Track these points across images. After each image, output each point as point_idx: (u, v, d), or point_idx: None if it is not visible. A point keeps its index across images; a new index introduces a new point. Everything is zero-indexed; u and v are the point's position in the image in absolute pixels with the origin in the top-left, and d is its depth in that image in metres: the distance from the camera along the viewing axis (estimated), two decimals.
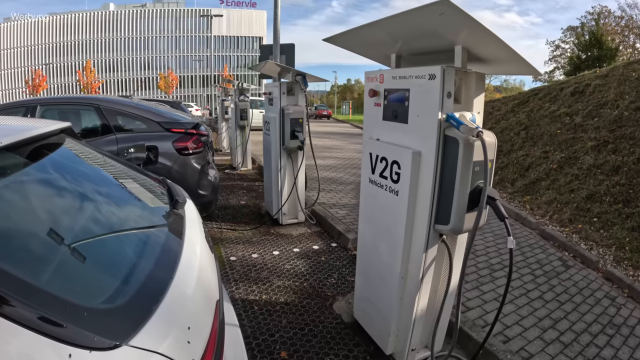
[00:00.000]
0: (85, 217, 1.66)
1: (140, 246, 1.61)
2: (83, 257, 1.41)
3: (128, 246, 1.60)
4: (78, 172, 2.04)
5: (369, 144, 3.03)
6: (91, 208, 1.75)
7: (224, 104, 13.31)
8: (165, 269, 1.46)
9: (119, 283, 1.31)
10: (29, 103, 5.49)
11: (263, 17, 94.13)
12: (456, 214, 2.37)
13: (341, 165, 11.68)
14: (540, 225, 6.28)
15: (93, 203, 1.80)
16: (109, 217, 1.79)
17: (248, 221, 6.37)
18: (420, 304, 2.77)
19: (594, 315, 3.96)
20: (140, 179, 2.37)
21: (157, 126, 5.27)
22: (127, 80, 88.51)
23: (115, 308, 1.17)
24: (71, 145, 2.17)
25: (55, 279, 1.21)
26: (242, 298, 3.96)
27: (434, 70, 2.37)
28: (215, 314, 1.48)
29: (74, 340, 0.99)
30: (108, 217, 1.79)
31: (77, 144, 2.29)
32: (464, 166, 2.29)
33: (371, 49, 3.22)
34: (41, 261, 1.25)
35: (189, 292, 1.46)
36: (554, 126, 9.20)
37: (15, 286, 1.04)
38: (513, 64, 2.55)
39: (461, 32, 2.32)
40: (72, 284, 1.24)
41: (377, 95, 2.93)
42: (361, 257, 3.36)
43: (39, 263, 1.24)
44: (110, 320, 1.12)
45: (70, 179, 1.91)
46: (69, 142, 2.15)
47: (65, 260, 1.34)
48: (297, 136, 5.67)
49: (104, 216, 1.77)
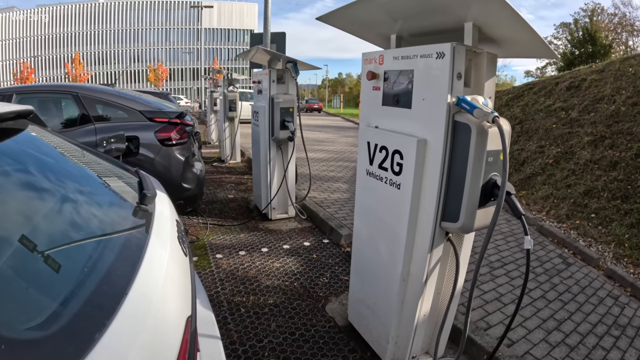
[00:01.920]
0: (28, 218, 1.36)
1: (91, 253, 1.31)
2: (14, 269, 1.11)
3: (76, 253, 1.30)
4: (35, 162, 1.76)
5: (367, 131, 2.76)
6: (39, 206, 1.45)
7: (213, 95, 13.10)
8: (118, 281, 1.18)
9: (56, 304, 1.02)
10: (4, 92, 5.25)
11: (254, 9, 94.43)
12: (467, 211, 2.11)
13: (333, 158, 11.53)
14: (538, 221, 6.15)
15: (43, 200, 1.50)
16: (60, 217, 1.48)
17: (236, 216, 6.16)
18: (423, 309, 2.54)
19: (598, 315, 3.83)
20: (110, 170, 2.10)
21: (139, 115, 5.01)
22: (117, 73, 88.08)
23: (47, 337, 0.89)
24: (34, 131, 1.90)
25: None
26: (228, 299, 3.72)
27: (442, 48, 2.10)
28: (185, 332, 1.22)
29: None
30: (58, 216, 1.48)
31: (40, 130, 2.02)
32: (476, 156, 2.03)
33: (368, 29, 2.95)
34: None
35: (149, 310, 1.16)
36: (550, 121, 9.10)
37: None
38: (528, 45, 2.31)
39: (473, 6, 2.06)
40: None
41: (376, 78, 2.66)
42: (357, 255, 3.09)
43: None
44: (38, 353, 0.85)
45: (24, 169, 1.63)
46: (32, 129, 1.89)
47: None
48: (288, 126, 5.42)
49: (54, 216, 1.46)
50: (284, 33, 8.59)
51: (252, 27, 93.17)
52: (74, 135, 4.73)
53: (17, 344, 0.84)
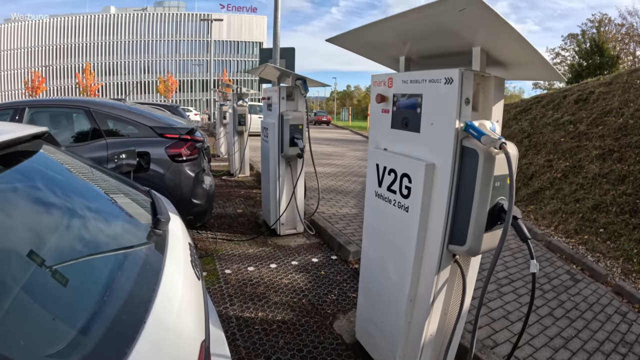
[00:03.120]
0: (48, 243, 1.40)
1: (107, 279, 1.34)
2: (34, 294, 1.14)
3: (95, 279, 1.33)
4: (49, 184, 1.80)
5: (376, 153, 2.79)
6: (57, 230, 1.50)
7: (222, 108, 13.21)
8: (137, 309, 1.21)
9: (77, 332, 1.05)
10: (17, 105, 5.29)
11: (263, 22, 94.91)
12: (474, 234, 2.14)
13: (341, 172, 11.51)
14: (546, 237, 6.12)
15: (60, 224, 1.54)
16: (78, 242, 1.52)
17: (245, 231, 6.17)
18: (429, 329, 2.55)
19: (606, 332, 3.80)
20: (123, 190, 2.14)
21: (149, 131, 5.05)
22: (127, 84, 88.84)
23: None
24: (49, 152, 1.94)
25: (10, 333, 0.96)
26: (237, 315, 3.74)
27: (451, 74, 2.14)
28: (199, 356, 1.25)
29: None
30: (76, 241, 1.52)
31: (55, 151, 2.06)
32: (483, 181, 2.06)
33: (377, 51, 3.00)
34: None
35: (166, 336, 1.21)
36: (558, 134, 9.09)
37: None
38: (535, 69, 2.35)
39: (481, 32, 2.09)
40: (16, 332, 0.99)
41: (385, 101, 2.70)
42: (365, 275, 3.11)
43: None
44: None
45: (39, 193, 1.67)
46: (46, 149, 1.93)
47: (14, 299, 1.07)
48: (297, 143, 5.46)
49: (72, 240, 1.51)
50: (293, 48, 8.67)
51: (261, 39, 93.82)
52: (85, 150, 4.78)
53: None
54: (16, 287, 1.10)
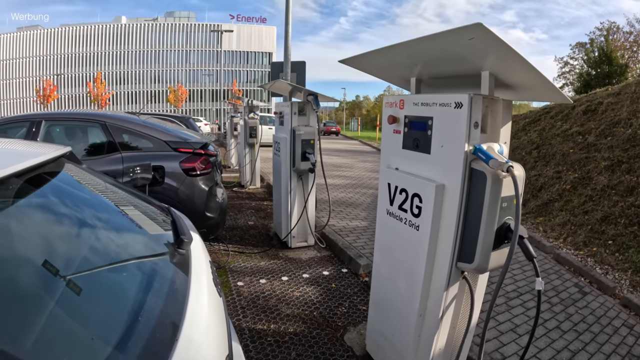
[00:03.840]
0: (80, 262, 1.50)
1: (140, 299, 1.42)
2: (71, 316, 1.23)
3: (125, 301, 1.41)
4: (76, 202, 1.90)
5: (387, 173, 2.88)
6: (89, 249, 1.59)
7: (233, 120, 13.32)
8: (168, 327, 1.30)
9: (113, 350, 1.13)
10: (33, 118, 5.38)
11: (273, 32, 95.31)
12: (481, 253, 2.21)
13: (351, 184, 11.57)
14: (555, 249, 6.14)
15: (90, 244, 1.63)
16: (106, 261, 1.62)
17: (256, 243, 6.24)
18: (439, 343, 2.62)
19: (613, 345, 3.83)
20: (142, 208, 2.22)
21: (164, 145, 5.14)
22: (137, 93, 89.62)
23: None
24: (71, 171, 2.03)
25: (41, 342, 1.05)
26: (249, 327, 3.81)
27: (460, 99, 2.23)
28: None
29: None
30: (104, 260, 1.62)
31: (77, 169, 2.15)
32: (491, 202, 2.14)
33: (389, 72, 3.10)
34: (29, 316, 1.09)
35: (196, 354, 1.30)
36: (567, 145, 9.09)
37: None
38: (542, 91, 2.42)
39: (490, 57, 2.18)
40: (59, 349, 1.08)
41: (397, 122, 2.79)
42: (375, 289, 3.19)
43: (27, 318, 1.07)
44: None
45: (68, 211, 1.76)
46: (68, 168, 2.02)
47: (54, 317, 1.17)
48: (309, 158, 5.54)
49: (100, 259, 1.61)
50: (304, 62, 8.77)
51: (271, 49, 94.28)
52: (101, 163, 4.87)
53: None
54: (57, 306, 1.19)
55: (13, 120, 5.74)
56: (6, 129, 5.37)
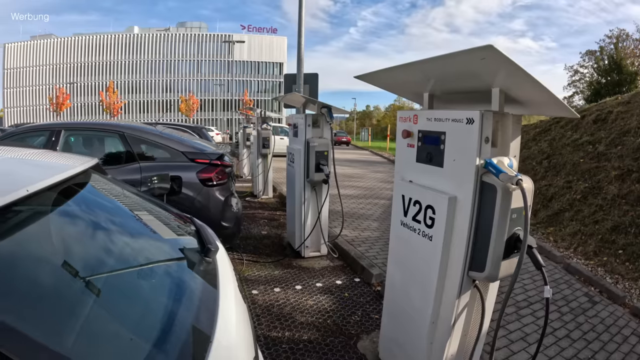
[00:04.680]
0: (115, 268, 1.61)
1: (173, 303, 1.53)
2: (114, 317, 1.34)
3: (161, 303, 1.51)
4: (105, 211, 2.00)
5: (401, 185, 2.98)
6: (119, 255, 1.70)
7: (246, 130, 13.42)
8: (203, 330, 1.41)
9: (156, 350, 1.24)
10: (53, 127, 5.53)
11: (284, 43, 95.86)
12: (492, 262, 2.31)
13: (363, 195, 11.61)
14: (565, 259, 6.17)
15: (120, 250, 1.74)
16: (137, 265, 1.75)
17: (270, 252, 6.32)
18: (450, 349, 2.70)
19: (622, 354, 3.86)
20: (166, 217, 2.33)
21: (181, 156, 5.27)
22: (149, 102, 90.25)
23: None
24: (97, 181, 2.13)
25: (85, 345, 1.16)
26: (264, 334, 3.89)
27: (472, 115, 2.33)
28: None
29: None
30: (137, 265, 1.75)
31: (102, 180, 2.25)
32: (501, 214, 2.23)
33: (403, 88, 3.22)
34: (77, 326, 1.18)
35: (228, 355, 1.41)
36: (577, 155, 9.12)
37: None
38: (550, 107, 2.52)
39: (500, 75, 2.28)
40: (104, 351, 1.18)
41: (411, 137, 2.89)
42: (389, 298, 3.28)
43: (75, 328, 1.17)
44: None
45: (99, 220, 1.87)
46: (95, 178, 2.12)
47: (94, 321, 1.27)
48: (322, 169, 5.64)
49: (133, 265, 1.73)
50: (317, 74, 8.92)
51: (282, 60, 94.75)
52: (119, 172, 4.97)
53: None
54: (96, 307, 1.31)
55: (34, 129, 5.91)
56: (27, 137, 5.53)
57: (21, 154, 2.18)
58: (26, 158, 2.14)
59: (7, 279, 1.16)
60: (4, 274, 1.16)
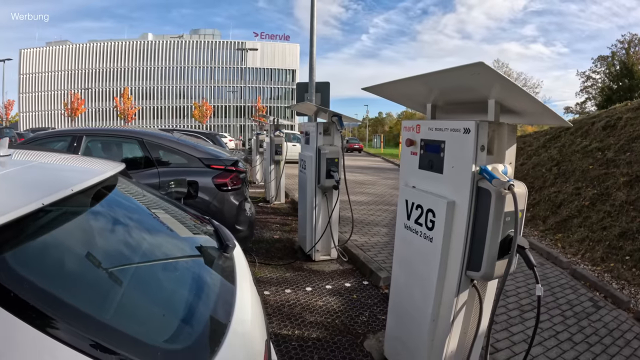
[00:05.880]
0: (148, 258, 1.86)
1: (197, 289, 1.77)
2: (149, 297, 1.59)
3: (186, 288, 1.75)
4: (133, 211, 2.23)
5: (405, 191, 3.17)
6: (151, 248, 1.95)
7: (259, 137, 13.64)
8: (223, 312, 1.62)
9: (184, 324, 1.47)
10: (75, 133, 5.73)
11: (296, 50, 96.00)
12: (487, 262, 2.47)
13: (373, 201, 11.71)
14: (572, 265, 6.24)
15: (148, 244, 1.97)
16: (170, 257, 2.00)
17: (282, 256, 6.48)
18: (450, 346, 2.85)
19: (623, 357, 3.94)
20: (187, 218, 2.53)
21: (197, 162, 5.45)
22: (163, 108, 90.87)
23: (184, 348, 1.34)
24: (124, 184, 2.33)
25: (130, 319, 1.39)
26: (275, 332, 4.06)
27: (468, 125, 2.51)
28: (265, 352, 1.64)
29: None
30: (168, 256, 2.00)
31: (127, 183, 2.45)
32: (495, 217, 2.40)
33: (407, 99, 3.39)
34: (116, 302, 1.42)
35: (244, 334, 1.61)
36: (586, 161, 9.15)
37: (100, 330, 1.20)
38: (543, 116, 2.68)
39: (494, 89, 2.46)
40: (145, 326, 1.40)
41: (414, 145, 3.08)
42: (394, 298, 3.45)
43: (114, 303, 1.41)
44: (181, 358, 1.28)
45: (129, 218, 2.09)
46: (121, 181, 2.32)
47: (133, 301, 1.52)
48: (333, 176, 5.81)
49: (164, 256, 1.99)
50: (328, 83, 9.09)
51: (294, 67, 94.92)
52: (138, 177, 5.13)
53: (168, 353, 1.28)
54: (136, 287, 1.58)
55: (57, 134, 6.13)
56: (50, 142, 5.76)
57: (59, 159, 2.40)
58: (64, 162, 2.38)
59: (60, 261, 1.42)
60: (58, 257, 1.43)
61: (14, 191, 1.48)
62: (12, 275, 1.16)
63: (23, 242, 1.32)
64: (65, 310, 1.18)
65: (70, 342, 1.07)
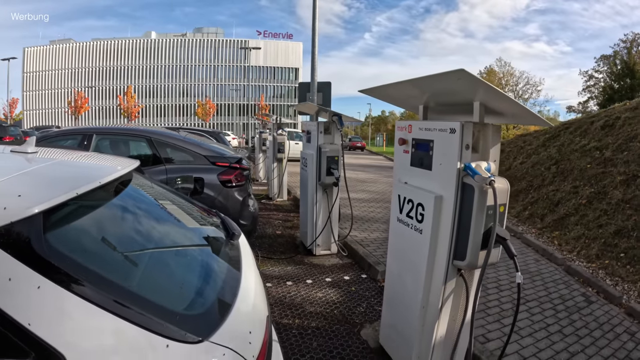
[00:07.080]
0: (165, 242, 2.13)
1: (207, 270, 2.05)
2: (167, 276, 1.87)
3: (197, 270, 2.00)
4: (149, 203, 2.48)
5: (398, 186, 3.40)
6: (166, 234, 2.21)
7: (262, 135, 13.83)
8: (230, 289, 1.86)
9: (197, 297, 1.75)
10: (85, 131, 5.95)
11: (299, 48, 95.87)
12: (471, 251, 2.69)
13: (373, 199, 11.85)
14: (567, 261, 6.36)
15: (166, 230, 2.25)
16: (183, 243, 2.26)
17: (283, 250, 6.68)
18: (439, 331, 3.06)
19: (612, 349, 4.07)
20: (196, 210, 2.77)
21: (203, 159, 5.64)
22: (166, 107, 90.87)
23: (198, 314, 1.60)
24: (138, 179, 2.55)
25: (155, 290, 1.66)
26: (276, 321, 4.27)
27: (454, 125, 2.73)
28: (266, 325, 1.85)
29: (171, 334, 1.38)
30: (182, 242, 2.25)
31: (141, 179, 2.67)
32: (478, 210, 2.62)
33: (401, 100, 3.62)
34: (145, 275, 1.70)
35: (248, 307, 1.85)
36: (584, 160, 9.27)
37: (130, 297, 1.44)
38: (526, 117, 2.90)
39: (477, 92, 2.67)
40: (167, 294, 1.67)
41: (406, 144, 3.31)
42: (388, 288, 3.69)
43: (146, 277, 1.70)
44: (195, 322, 1.51)
45: (146, 208, 2.35)
46: (136, 177, 2.52)
47: (153, 278, 1.78)
48: (333, 173, 6.03)
49: (179, 241, 2.24)
50: (330, 83, 9.28)
51: (297, 65, 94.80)
52: (147, 174, 5.34)
53: (184, 316, 1.53)
54: (156, 271, 1.85)
55: (67, 132, 6.34)
56: (61, 140, 5.98)
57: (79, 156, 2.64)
58: (85, 160, 2.65)
59: (94, 241, 1.71)
60: (90, 239, 1.71)
61: (50, 183, 1.71)
62: (55, 252, 1.39)
63: (62, 225, 1.56)
64: (100, 282, 1.42)
65: (108, 307, 1.33)
